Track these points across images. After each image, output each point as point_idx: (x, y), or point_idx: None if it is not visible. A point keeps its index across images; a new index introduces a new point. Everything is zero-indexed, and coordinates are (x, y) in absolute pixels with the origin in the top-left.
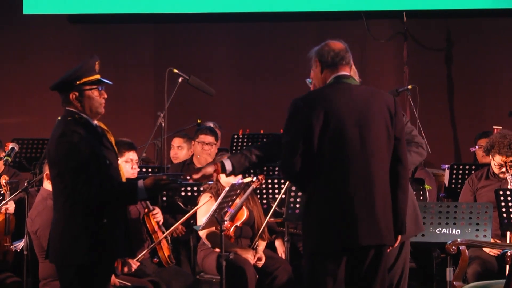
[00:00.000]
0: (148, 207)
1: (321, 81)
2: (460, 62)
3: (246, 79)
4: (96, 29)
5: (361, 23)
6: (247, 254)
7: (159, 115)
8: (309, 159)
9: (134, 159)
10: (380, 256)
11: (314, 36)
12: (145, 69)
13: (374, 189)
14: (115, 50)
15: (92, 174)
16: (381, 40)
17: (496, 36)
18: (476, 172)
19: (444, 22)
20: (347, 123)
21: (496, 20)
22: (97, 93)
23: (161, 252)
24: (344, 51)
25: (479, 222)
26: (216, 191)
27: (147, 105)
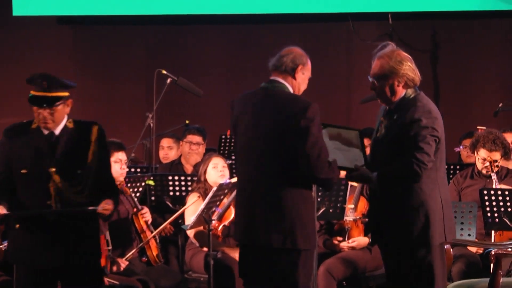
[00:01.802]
0: (137, 206)
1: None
2: (446, 63)
3: (234, 81)
4: (86, 30)
5: (347, 25)
6: (234, 253)
7: (148, 116)
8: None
9: (123, 159)
10: (260, 256)
11: (301, 38)
12: (135, 70)
13: (257, 192)
14: (106, 51)
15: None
16: (367, 41)
17: (481, 37)
18: (461, 172)
19: (430, 24)
20: (246, 128)
21: (481, 21)
22: (35, 109)
23: (149, 251)
24: (280, 57)
25: (464, 221)
26: (204, 191)
27: (136, 106)
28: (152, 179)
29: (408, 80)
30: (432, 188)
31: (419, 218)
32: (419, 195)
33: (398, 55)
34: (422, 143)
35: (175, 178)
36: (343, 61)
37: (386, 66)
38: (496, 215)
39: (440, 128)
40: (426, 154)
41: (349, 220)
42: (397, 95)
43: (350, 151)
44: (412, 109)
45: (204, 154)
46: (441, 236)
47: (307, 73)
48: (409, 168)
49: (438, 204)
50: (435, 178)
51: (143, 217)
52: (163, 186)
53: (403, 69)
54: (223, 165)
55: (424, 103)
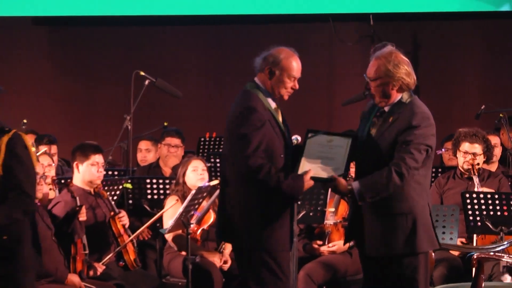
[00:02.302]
0: (114, 210)
1: None
2: (426, 65)
3: (213, 82)
4: (62, 31)
5: (328, 26)
6: (213, 257)
7: (126, 118)
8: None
9: (100, 162)
10: (236, 256)
11: (281, 39)
12: (112, 71)
13: (224, 191)
14: (83, 52)
15: None
16: (348, 43)
17: (462, 39)
18: (443, 174)
19: (411, 25)
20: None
21: (463, 23)
22: None
23: (127, 255)
24: (259, 58)
25: (446, 225)
26: (182, 194)
27: (114, 107)
28: (130, 182)
29: (403, 84)
30: (421, 194)
31: (406, 225)
32: (407, 201)
33: (396, 58)
34: (414, 149)
35: (153, 181)
36: (324, 63)
37: (382, 68)
38: (478, 218)
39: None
40: (415, 160)
41: (330, 224)
42: (391, 98)
43: (334, 160)
44: (410, 115)
45: (182, 157)
46: (429, 244)
47: (285, 73)
48: (396, 170)
49: (426, 211)
50: (424, 184)
51: (121, 221)
52: (141, 189)
53: (399, 73)
54: (203, 168)
55: (422, 110)
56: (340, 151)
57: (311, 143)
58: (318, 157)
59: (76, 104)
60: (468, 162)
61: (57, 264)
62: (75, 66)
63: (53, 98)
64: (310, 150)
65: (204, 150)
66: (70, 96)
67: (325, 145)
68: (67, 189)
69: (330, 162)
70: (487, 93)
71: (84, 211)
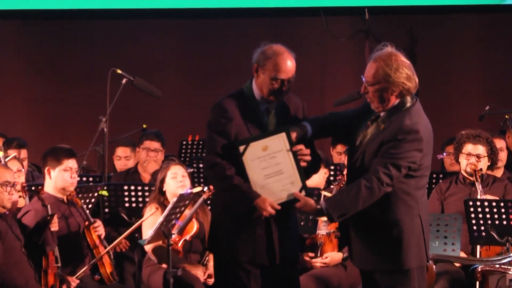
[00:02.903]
0: (88, 219)
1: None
2: (425, 62)
3: (196, 81)
4: (33, 25)
5: (319, 21)
6: (196, 270)
7: (101, 120)
8: None
9: (74, 167)
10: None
11: (269, 34)
12: (87, 69)
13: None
14: (55, 48)
15: None
16: (341, 38)
17: (463, 34)
18: (444, 179)
19: (407, 19)
20: None
21: (464, 16)
22: None
23: (102, 268)
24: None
25: (447, 235)
26: (162, 202)
27: (88, 108)
28: (106, 189)
29: (404, 89)
30: (410, 206)
31: (391, 238)
32: (394, 212)
33: (395, 61)
34: (391, 165)
35: (131, 188)
36: (315, 60)
37: (381, 71)
38: (483, 228)
39: (425, 149)
40: (389, 177)
41: (322, 234)
42: (390, 104)
43: (284, 172)
44: (398, 126)
45: (162, 161)
46: (416, 260)
47: (267, 74)
48: (366, 186)
49: (416, 224)
50: (415, 195)
51: (96, 231)
52: (118, 196)
53: (399, 78)
54: (183, 174)
55: (413, 122)
56: (283, 157)
57: (249, 161)
58: (266, 176)
59: (48, 104)
60: (471, 165)
61: (27, 278)
62: (46, 63)
63: (22, 97)
64: (254, 170)
65: (186, 154)
66: (41, 95)
67: (263, 156)
68: (37, 196)
69: (281, 177)
70: (491, 93)
71: (56, 220)
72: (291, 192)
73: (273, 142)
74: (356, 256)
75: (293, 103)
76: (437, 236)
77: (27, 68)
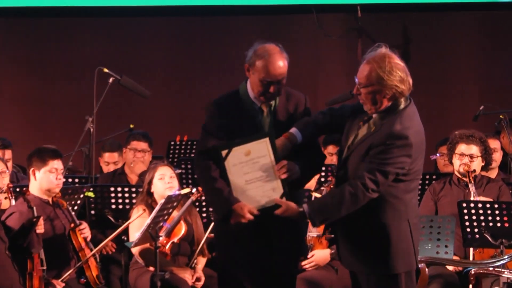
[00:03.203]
0: (74, 221)
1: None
2: (419, 61)
3: (184, 80)
4: (16, 23)
5: (311, 18)
6: (184, 273)
7: (88, 120)
8: None
9: (59, 168)
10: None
11: (260, 32)
12: (73, 68)
13: None
14: (40, 47)
15: None
16: (333, 37)
17: (458, 32)
18: (438, 180)
19: (401, 17)
20: None
21: (459, 14)
22: None
23: (88, 271)
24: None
25: (440, 237)
26: (150, 204)
27: (75, 108)
28: (92, 190)
29: (397, 92)
30: (399, 210)
31: (378, 242)
32: (382, 216)
33: (389, 63)
34: (378, 172)
35: (118, 189)
36: (308, 58)
37: (374, 74)
38: (476, 230)
39: (415, 154)
40: (375, 183)
41: (312, 236)
42: (382, 106)
43: (266, 178)
44: (388, 130)
45: (150, 162)
46: (404, 264)
47: (256, 75)
48: (350, 192)
49: (404, 228)
50: (404, 199)
51: (82, 233)
52: (104, 198)
53: (392, 81)
54: (171, 176)
55: (404, 126)
56: (266, 163)
57: (230, 166)
58: (247, 182)
59: (33, 104)
60: (464, 165)
61: (11, 281)
62: (32, 62)
63: (7, 97)
64: (236, 175)
65: (174, 155)
66: (27, 95)
67: (246, 161)
68: (23, 198)
69: (263, 183)
70: (486, 93)
71: (42, 222)
72: (272, 198)
73: (256, 147)
74: (344, 258)
75: (294, 99)
76: (430, 238)
77: (12, 67)
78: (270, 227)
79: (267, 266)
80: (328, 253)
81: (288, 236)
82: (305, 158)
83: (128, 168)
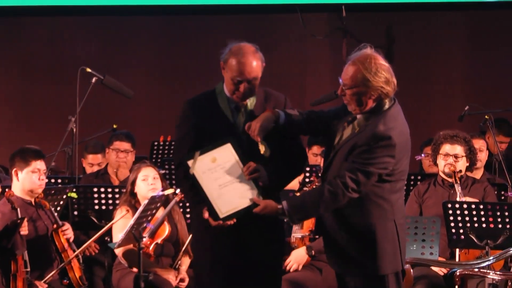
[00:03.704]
0: (57, 222)
1: None
2: (403, 61)
3: (167, 80)
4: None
5: (296, 18)
6: (168, 274)
7: (70, 120)
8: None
9: (42, 168)
10: None
11: (243, 31)
12: (55, 67)
13: None
14: (21, 46)
15: None
16: (318, 36)
17: (443, 32)
18: (422, 181)
19: (385, 17)
20: None
21: (444, 14)
22: None
23: (71, 272)
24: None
25: (426, 238)
26: (133, 204)
27: (57, 108)
28: (75, 191)
29: (382, 93)
30: (385, 210)
31: (364, 243)
32: (367, 217)
33: (374, 64)
34: (360, 172)
35: (101, 189)
36: (294, 58)
37: (359, 75)
38: (462, 231)
39: (399, 155)
40: (356, 183)
41: (296, 238)
42: (367, 107)
43: (238, 181)
44: (372, 131)
45: (133, 163)
46: (391, 265)
47: (229, 73)
48: (329, 190)
49: (390, 229)
50: (390, 199)
51: (64, 234)
52: (87, 199)
53: (377, 82)
54: (154, 176)
55: (388, 127)
56: (234, 167)
57: (200, 173)
58: (221, 186)
59: (15, 104)
60: (449, 165)
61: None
62: (13, 61)
63: None
64: (207, 182)
65: (158, 156)
66: (8, 95)
67: (214, 168)
68: (6, 199)
69: (237, 185)
70: (471, 93)
71: (26, 224)
72: (250, 197)
73: (221, 154)
74: (331, 259)
75: (273, 100)
76: (415, 239)
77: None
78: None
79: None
80: (304, 251)
81: (266, 236)
82: (287, 159)
83: (110, 168)
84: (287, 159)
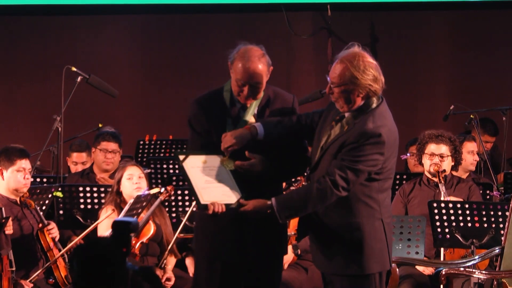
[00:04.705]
0: (42, 221)
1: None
2: (387, 60)
3: (152, 79)
4: None
5: (281, 17)
6: None
7: (55, 119)
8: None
9: (27, 168)
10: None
11: (229, 30)
12: (40, 66)
13: None
14: (5, 45)
15: None
16: (303, 36)
17: (427, 31)
18: (408, 181)
19: (369, 16)
20: None
21: (428, 13)
22: None
23: (57, 271)
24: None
25: (411, 238)
26: (119, 204)
27: (42, 107)
28: (60, 190)
29: (370, 91)
30: (373, 208)
31: (352, 242)
32: (355, 216)
33: (362, 62)
34: (349, 170)
35: (86, 189)
36: (279, 57)
37: (347, 73)
38: (447, 230)
39: (388, 153)
40: (345, 181)
41: None
42: (355, 105)
43: (224, 184)
44: (361, 129)
45: (119, 162)
46: (378, 265)
47: (234, 74)
48: (318, 188)
49: (377, 228)
50: (378, 198)
51: (50, 233)
52: (73, 198)
53: (365, 79)
54: (139, 176)
55: (377, 125)
56: (222, 172)
57: (189, 167)
58: (207, 182)
59: (0, 103)
60: (434, 165)
61: None
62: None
63: None
64: (195, 175)
65: (143, 155)
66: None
67: (203, 167)
68: None
69: (222, 185)
70: (456, 92)
71: (11, 223)
72: (232, 198)
73: (211, 159)
74: (317, 258)
75: (280, 100)
76: (401, 238)
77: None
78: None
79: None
80: (290, 250)
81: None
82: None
83: (96, 167)
84: (291, 158)
